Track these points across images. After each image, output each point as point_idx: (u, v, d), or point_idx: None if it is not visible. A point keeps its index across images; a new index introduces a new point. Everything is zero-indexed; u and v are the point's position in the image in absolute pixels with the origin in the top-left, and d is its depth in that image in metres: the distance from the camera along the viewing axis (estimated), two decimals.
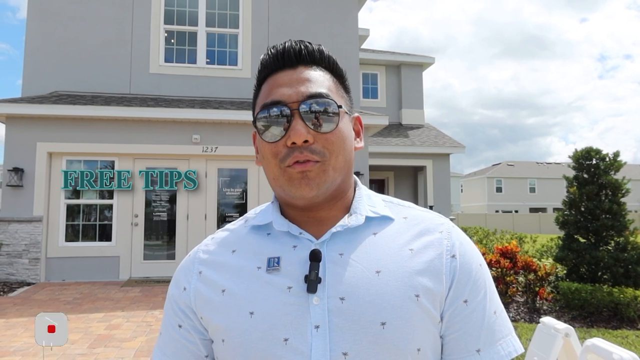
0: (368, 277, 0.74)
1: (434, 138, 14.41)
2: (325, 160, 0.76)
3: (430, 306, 0.74)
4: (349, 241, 0.78)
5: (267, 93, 0.81)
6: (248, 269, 0.78)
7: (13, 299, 6.98)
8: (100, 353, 4.56)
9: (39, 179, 8.46)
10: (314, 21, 10.36)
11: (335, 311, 0.72)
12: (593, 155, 6.74)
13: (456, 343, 0.76)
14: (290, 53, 0.80)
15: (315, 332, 0.71)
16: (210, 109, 8.99)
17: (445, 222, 0.83)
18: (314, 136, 0.75)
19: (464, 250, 0.80)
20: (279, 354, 0.71)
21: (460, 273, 0.77)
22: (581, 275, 6.46)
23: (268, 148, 0.78)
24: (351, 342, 0.71)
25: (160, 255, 9.04)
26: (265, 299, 0.75)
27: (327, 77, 0.81)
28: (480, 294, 0.78)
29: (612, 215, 6.42)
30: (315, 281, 0.73)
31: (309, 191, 0.75)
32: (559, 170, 45.62)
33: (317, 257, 0.74)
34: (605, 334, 5.20)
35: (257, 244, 0.81)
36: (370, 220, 0.80)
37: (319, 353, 0.70)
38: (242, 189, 9.41)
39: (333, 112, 0.77)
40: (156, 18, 9.72)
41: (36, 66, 9.21)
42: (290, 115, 0.75)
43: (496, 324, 0.78)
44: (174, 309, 0.84)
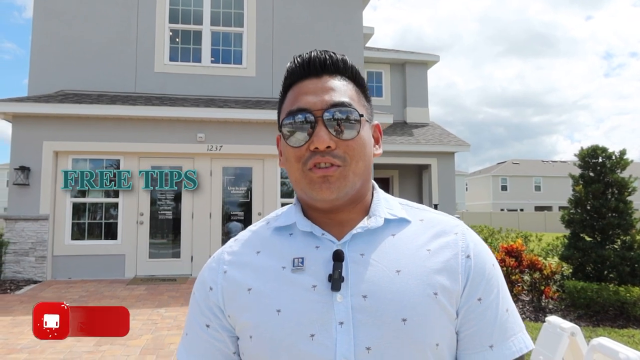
0: (389, 276, 0.78)
1: (439, 136, 14.37)
2: (346, 165, 0.80)
3: (447, 303, 0.77)
4: (369, 242, 0.82)
5: (292, 100, 0.84)
6: (273, 269, 0.82)
7: (20, 297, 7.02)
8: (107, 351, 4.58)
9: (45, 177, 8.50)
10: (318, 19, 10.35)
11: (358, 308, 0.75)
12: (599, 153, 6.71)
13: (470, 339, 0.80)
14: (316, 62, 0.85)
15: (340, 328, 0.74)
16: (214, 108, 9.00)
17: (460, 224, 0.87)
18: (336, 142, 0.79)
19: (478, 251, 0.84)
20: (306, 349, 0.74)
21: (475, 272, 0.81)
22: (587, 274, 6.43)
23: (292, 152, 0.82)
24: (374, 338, 0.74)
25: (166, 253, 9.07)
26: (291, 297, 0.78)
27: (349, 87, 0.85)
28: (494, 293, 0.82)
29: (618, 214, 6.39)
30: (339, 280, 0.76)
31: (329, 194, 0.79)
32: (565, 169, 45.37)
33: (340, 257, 0.78)
34: (611, 333, 5.18)
35: (281, 244, 0.85)
36: (389, 222, 0.84)
37: (343, 347, 0.73)
38: (246, 187, 9.42)
39: (354, 120, 0.81)
40: (161, 17, 9.74)
41: (42, 65, 9.25)
42: (314, 122, 0.80)
43: (508, 321, 0.81)
44: (201, 310, 0.86)
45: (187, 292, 7.43)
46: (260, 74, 9.99)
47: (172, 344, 4.80)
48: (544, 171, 48.70)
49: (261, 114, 9.04)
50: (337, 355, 0.73)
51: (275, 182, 9.38)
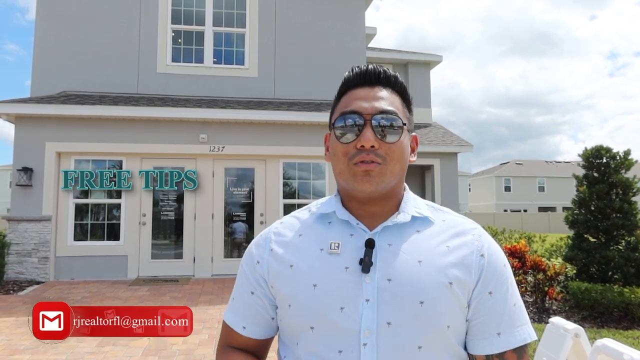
0: (411, 265, 0.90)
1: (442, 137, 14.34)
2: (385, 164, 0.92)
3: (460, 293, 0.90)
4: (397, 235, 0.95)
5: (346, 103, 0.97)
6: (312, 250, 0.95)
7: (22, 298, 7.03)
8: (109, 352, 4.58)
9: (48, 178, 8.51)
10: (320, 20, 10.34)
11: (383, 289, 0.88)
12: (603, 153, 6.67)
13: (481, 326, 0.92)
14: (372, 74, 0.97)
15: (366, 304, 0.88)
16: (217, 109, 9.00)
17: (478, 227, 0.99)
18: (380, 144, 0.91)
19: (492, 251, 0.96)
20: (336, 319, 0.88)
21: (487, 270, 0.93)
22: (591, 275, 6.40)
23: (340, 148, 0.94)
24: (394, 315, 0.87)
25: (168, 254, 9.07)
26: (326, 275, 0.91)
27: (397, 99, 0.98)
28: (503, 288, 0.93)
29: (622, 215, 6.35)
30: (369, 264, 0.89)
31: (368, 186, 0.91)
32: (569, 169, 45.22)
33: (371, 244, 0.91)
34: (615, 335, 5.15)
35: (320, 230, 0.98)
36: (415, 219, 0.97)
37: (368, 320, 0.87)
38: (249, 188, 9.41)
39: (397, 127, 0.94)
40: (163, 18, 9.75)
41: (45, 66, 9.27)
42: (363, 124, 0.92)
43: (515, 314, 0.93)
44: (248, 279, 1.01)
45: (189, 293, 7.43)
46: (262, 74, 9.99)
47: (174, 345, 4.79)
48: (548, 172, 48.55)
49: (263, 114, 9.03)
50: (362, 326, 0.87)
51: (278, 182, 9.37)
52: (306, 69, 10.07)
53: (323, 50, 10.19)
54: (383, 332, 0.86)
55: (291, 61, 10.07)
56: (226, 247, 9.20)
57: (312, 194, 9.55)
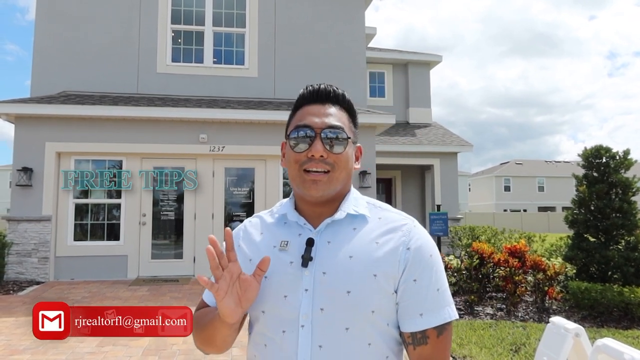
0: (343, 260, 1.06)
1: (442, 137, 14.34)
2: (332, 171, 1.08)
3: (384, 283, 1.04)
4: (335, 232, 1.10)
5: (300, 117, 1.12)
6: (268, 247, 1.13)
7: (22, 298, 7.03)
8: (109, 352, 4.58)
9: (48, 178, 8.51)
10: (320, 20, 10.34)
11: (319, 280, 1.05)
12: (603, 153, 6.67)
13: (406, 308, 1.06)
14: (323, 92, 1.13)
15: (305, 293, 1.05)
16: (217, 109, 9.00)
17: (409, 222, 1.12)
18: (328, 154, 1.07)
19: (418, 244, 1.09)
20: (281, 305, 1.06)
21: (413, 260, 1.06)
22: (591, 275, 6.40)
23: (294, 156, 1.10)
24: (326, 302, 1.03)
25: (168, 254, 9.07)
26: (275, 268, 1.07)
27: (344, 115, 1.14)
28: (427, 275, 1.07)
29: (622, 214, 6.35)
30: (308, 259, 1.06)
31: (315, 192, 1.07)
32: (568, 169, 45.20)
33: (311, 243, 1.08)
34: (615, 334, 5.15)
35: (276, 229, 1.16)
36: (353, 217, 1.12)
37: (305, 307, 1.04)
38: (249, 188, 9.41)
39: (343, 140, 1.10)
40: (163, 18, 9.75)
41: (45, 66, 9.27)
42: (314, 136, 1.08)
43: (438, 297, 1.07)
44: None
45: (189, 292, 7.43)
46: (262, 74, 9.99)
47: (174, 345, 4.79)
48: (547, 171, 48.55)
49: (263, 114, 9.03)
50: (300, 311, 1.04)
51: (278, 182, 9.38)
52: (306, 69, 10.07)
53: (323, 50, 10.19)
54: (317, 316, 1.03)
55: (291, 61, 10.07)
56: None
57: None
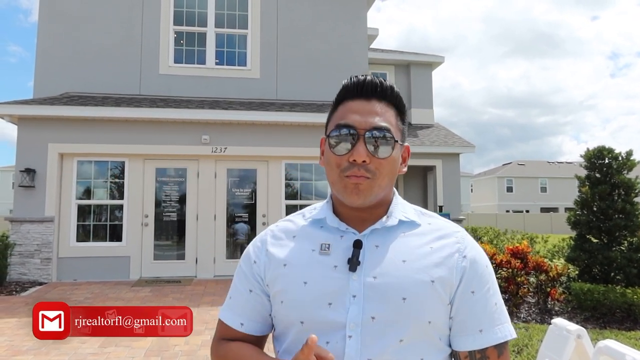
0: (395, 264, 0.96)
1: (444, 138, 14.32)
2: (375, 178, 0.97)
3: (442, 291, 0.95)
4: (384, 237, 1.01)
5: (342, 115, 1.01)
6: (305, 251, 1.02)
7: (25, 299, 7.05)
8: (112, 352, 4.59)
9: (51, 179, 8.53)
10: (322, 21, 10.34)
11: (369, 286, 0.94)
12: (605, 154, 6.67)
13: (463, 323, 0.97)
14: (369, 86, 1.00)
15: (353, 300, 0.94)
16: (219, 110, 9.01)
17: (461, 230, 1.04)
18: (371, 158, 0.96)
19: (474, 253, 1.01)
20: (324, 314, 0.95)
21: (469, 270, 0.98)
22: (593, 276, 6.39)
23: (334, 159, 1.00)
24: (378, 310, 0.93)
25: (170, 255, 9.08)
26: (316, 273, 0.98)
27: (391, 112, 1.01)
28: (485, 288, 0.98)
29: (625, 215, 6.34)
30: (356, 263, 0.96)
31: (357, 199, 0.97)
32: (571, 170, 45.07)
33: (359, 245, 0.98)
34: (618, 336, 5.13)
35: (313, 233, 1.05)
36: (402, 223, 1.02)
37: (353, 315, 0.93)
38: (251, 189, 9.41)
39: (389, 143, 0.98)
40: (166, 19, 9.77)
41: (47, 68, 9.29)
42: (356, 138, 0.96)
43: (496, 312, 0.98)
44: (246, 278, 1.08)
45: (191, 293, 7.43)
46: (264, 75, 9.99)
47: (177, 346, 4.79)
48: (550, 172, 48.45)
49: (265, 115, 9.04)
50: (348, 320, 0.93)
51: (280, 183, 9.38)
52: (308, 70, 10.07)
53: (325, 51, 10.19)
54: (367, 325, 0.92)
55: (293, 62, 10.07)
56: (228, 248, 9.21)
57: (314, 194, 9.55)
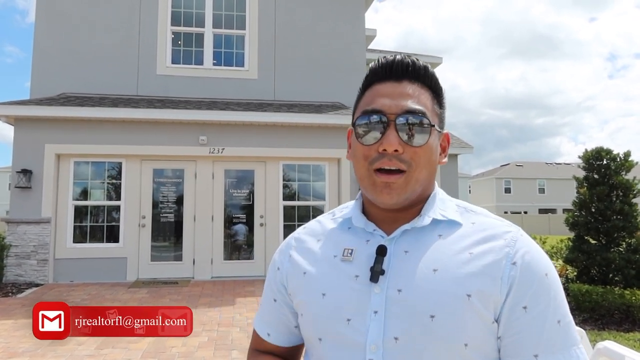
0: (425, 274, 0.81)
1: None
2: (410, 170, 0.83)
3: (482, 307, 0.78)
4: (415, 240, 0.86)
5: (369, 100, 0.87)
6: (326, 256, 0.90)
7: (22, 300, 7.01)
8: (108, 354, 4.56)
9: (47, 180, 8.49)
10: (320, 21, 10.32)
11: (392, 300, 0.80)
12: (604, 155, 6.67)
13: (514, 346, 0.79)
14: (399, 67, 0.87)
15: (374, 316, 0.80)
16: (217, 110, 8.99)
17: (514, 230, 0.86)
18: (404, 147, 0.82)
19: (529, 259, 0.82)
20: (342, 331, 0.82)
21: (520, 280, 0.79)
22: (592, 277, 6.38)
23: (361, 150, 0.86)
24: (402, 329, 0.79)
25: (168, 256, 9.05)
26: (336, 283, 0.86)
27: (426, 95, 0.87)
28: (543, 302, 0.79)
29: (623, 216, 6.34)
30: (378, 272, 0.82)
31: (389, 199, 0.83)
32: (569, 171, 45.10)
33: (383, 251, 0.84)
34: (617, 337, 5.13)
35: (338, 235, 0.93)
36: (438, 222, 0.87)
37: (374, 334, 0.80)
38: (249, 190, 9.39)
39: (425, 129, 0.84)
40: (163, 20, 9.75)
41: (44, 68, 9.26)
42: (386, 125, 0.83)
43: (559, 333, 0.79)
44: (270, 286, 1.00)
45: (188, 295, 7.40)
46: (262, 76, 9.98)
47: (174, 347, 4.77)
48: (548, 173, 48.56)
49: (263, 116, 9.02)
50: (367, 340, 0.80)
51: (278, 184, 9.35)
52: (306, 70, 10.06)
53: (323, 51, 10.18)
54: (390, 347, 0.78)
55: (291, 63, 10.06)
56: (226, 249, 9.18)
57: (312, 196, 9.53)
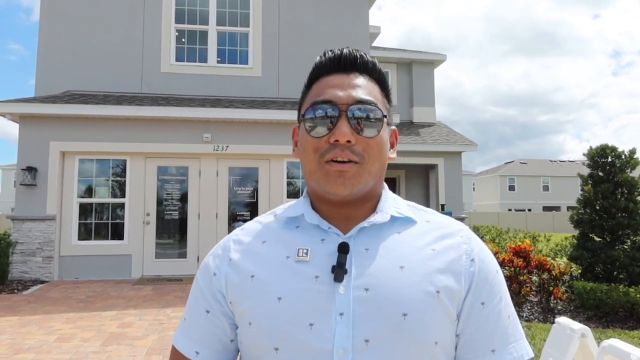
0: (392, 271, 0.78)
1: (446, 136, 14.30)
2: (363, 163, 0.80)
3: (448, 303, 0.77)
4: (374, 237, 0.82)
5: (318, 92, 0.84)
6: (277, 258, 0.82)
7: (27, 297, 7.05)
8: (113, 351, 4.58)
9: (52, 177, 8.53)
10: (324, 19, 10.32)
11: (359, 300, 0.75)
12: (608, 152, 6.64)
13: (472, 342, 0.79)
14: (347, 59, 0.86)
15: (340, 319, 0.74)
16: (220, 108, 9.00)
17: (465, 228, 0.88)
18: (356, 138, 0.79)
19: (483, 256, 0.84)
20: (304, 338, 0.75)
21: (479, 277, 0.81)
22: (596, 275, 6.37)
23: (311, 142, 0.81)
24: (373, 330, 0.74)
25: (172, 253, 9.08)
26: (293, 286, 0.78)
27: (375, 88, 0.86)
28: (496, 298, 0.82)
29: (628, 214, 6.32)
30: (342, 271, 0.76)
31: (343, 189, 0.79)
32: (573, 168, 45.06)
33: (345, 249, 0.78)
34: (621, 335, 5.12)
35: (287, 236, 0.85)
36: (395, 220, 0.85)
37: (342, 338, 0.73)
38: (252, 187, 9.41)
39: (377, 119, 0.81)
40: (167, 17, 9.76)
41: (49, 66, 9.29)
42: (337, 115, 0.80)
43: (510, 327, 0.82)
44: (203, 295, 0.87)
45: None
46: (266, 73, 9.98)
47: None
48: (552, 171, 48.41)
49: (267, 114, 9.03)
50: (335, 345, 0.73)
51: (282, 182, 9.37)
52: (310, 68, 10.02)
53: (327, 49, 10.15)
54: (360, 351, 0.73)
55: (295, 60, 10.06)
56: None
57: None
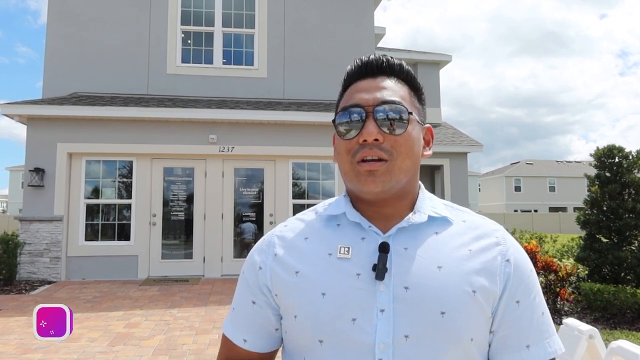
0: (431, 271, 0.82)
1: (451, 137, 14.27)
2: (392, 159, 0.84)
3: (484, 302, 0.82)
4: (413, 237, 0.86)
5: (348, 97, 0.90)
6: (320, 254, 0.87)
7: (34, 297, 7.10)
8: (120, 351, 4.60)
9: (60, 179, 8.58)
10: (329, 20, 10.33)
11: (399, 298, 0.80)
12: (615, 153, 6.60)
13: (508, 339, 0.84)
14: (373, 64, 0.91)
15: (381, 315, 0.79)
16: (226, 109, 9.02)
17: (500, 229, 0.92)
18: (384, 136, 0.84)
19: (518, 256, 0.88)
20: (347, 332, 0.80)
21: (514, 277, 0.85)
22: (603, 276, 6.33)
23: (343, 145, 0.87)
24: (412, 327, 0.79)
25: (178, 254, 9.11)
26: (336, 282, 0.83)
27: (403, 88, 0.90)
28: (531, 296, 0.86)
29: (635, 215, 6.28)
30: (383, 270, 0.81)
31: (374, 187, 0.84)
32: (580, 169, 44.83)
33: (385, 248, 0.83)
34: (629, 336, 5.09)
35: (328, 233, 0.90)
36: (433, 220, 0.89)
37: (383, 333, 0.78)
38: (258, 188, 9.42)
39: (403, 117, 0.86)
40: (173, 19, 9.80)
41: (56, 68, 9.35)
42: (365, 117, 0.85)
43: (544, 324, 0.86)
44: (249, 287, 0.93)
45: (199, 293, 7.45)
46: (271, 75, 10.00)
47: (185, 345, 4.80)
48: (559, 171, 48.15)
49: (273, 115, 9.04)
50: (376, 340, 0.78)
51: (287, 183, 9.38)
52: (315, 69, 10.06)
53: (332, 50, 10.18)
54: (400, 346, 0.78)
55: (300, 61, 10.07)
56: (236, 247, 9.22)
57: (321, 194, 9.54)
